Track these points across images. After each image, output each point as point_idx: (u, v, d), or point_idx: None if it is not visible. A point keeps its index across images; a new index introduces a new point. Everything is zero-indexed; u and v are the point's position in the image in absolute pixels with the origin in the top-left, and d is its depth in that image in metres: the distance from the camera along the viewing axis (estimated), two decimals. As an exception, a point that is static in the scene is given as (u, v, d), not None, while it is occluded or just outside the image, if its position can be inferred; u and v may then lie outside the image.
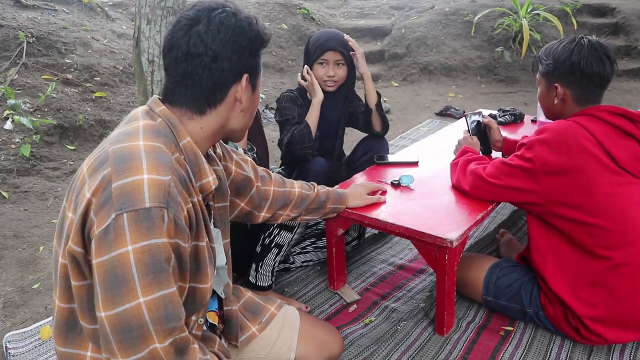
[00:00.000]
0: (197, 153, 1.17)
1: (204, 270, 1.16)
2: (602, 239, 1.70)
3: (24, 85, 3.80)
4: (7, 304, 2.25)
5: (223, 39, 1.13)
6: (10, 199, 3.05)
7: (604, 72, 1.76)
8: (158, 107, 1.16)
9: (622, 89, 5.53)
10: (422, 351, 1.85)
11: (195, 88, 1.15)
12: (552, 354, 1.82)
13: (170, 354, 1.01)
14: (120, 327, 0.97)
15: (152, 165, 1.01)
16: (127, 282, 0.96)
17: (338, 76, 2.35)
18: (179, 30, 1.14)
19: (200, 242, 1.15)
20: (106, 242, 0.96)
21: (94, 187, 1.00)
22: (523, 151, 1.79)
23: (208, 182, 1.19)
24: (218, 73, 1.14)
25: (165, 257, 0.99)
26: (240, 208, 1.61)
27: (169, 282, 1.00)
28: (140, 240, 0.96)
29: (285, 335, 1.55)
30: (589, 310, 1.74)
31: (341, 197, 1.91)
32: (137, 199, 0.97)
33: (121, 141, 1.06)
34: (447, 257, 1.76)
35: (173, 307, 1.01)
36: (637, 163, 1.73)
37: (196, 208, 1.12)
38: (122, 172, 1.00)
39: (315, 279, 2.32)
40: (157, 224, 0.97)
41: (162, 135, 1.10)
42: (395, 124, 4.63)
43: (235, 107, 1.20)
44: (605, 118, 1.73)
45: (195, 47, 1.12)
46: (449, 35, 6.29)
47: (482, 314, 2.03)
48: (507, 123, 2.92)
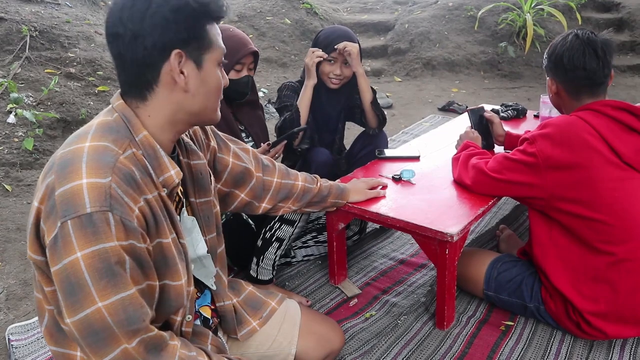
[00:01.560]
0: (155, 147, 1.12)
1: (173, 267, 1.13)
2: (604, 234, 1.70)
3: (27, 79, 3.81)
4: (10, 296, 2.26)
5: (139, 14, 1.04)
6: (14, 192, 3.05)
7: (586, 65, 1.74)
8: (116, 101, 1.13)
9: (627, 84, 5.51)
10: (422, 345, 1.85)
11: (126, 71, 1.09)
12: (553, 348, 1.82)
13: (141, 353, 1.01)
14: (86, 331, 0.97)
15: (91, 169, 0.99)
16: (82, 288, 0.95)
17: (344, 75, 2.34)
18: (108, 13, 1.08)
19: (164, 238, 1.11)
20: (57, 251, 0.96)
21: (41, 195, 1.00)
22: (526, 146, 1.78)
23: (170, 176, 1.13)
24: (141, 52, 1.05)
25: (117, 261, 0.97)
26: (240, 199, 1.59)
27: (125, 284, 0.98)
28: (87, 246, 0.95)
29: (286, 330, 1.55)
30: (590, 305, 1.74)
31: (343, 192, 1.90)
32: (78, 205, 0.95)
33: (70, 144, 1.04)
34: (448, 252, 1.76)
35: (134, 309, 0.99)
36: None
37: (153, 204, 1.07)
38: (63, 179, 0.98)
39: (316, 273, 2.32)
40: (102, 228, 0.96)
41: (113, 132, 1.07)
42: (398, 119, 4.63)
43: (175, 87, 1.11)
44: (609, 113, 1.72)
45: (115, 27, 1.05)
46: (452, 30, 6.27)
47: (483, 309, 2.03)
48: (509, 118, 2.92)
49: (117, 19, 1.05)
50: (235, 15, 6.11)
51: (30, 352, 1.89)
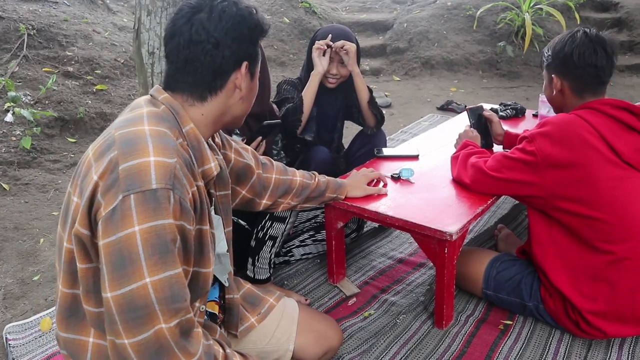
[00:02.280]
0: (200, 139, 1.20)
1: (206, 255, 1.19)
2: (603, 232, 1.70)
3: (24, 77, 3.80)
4: (8, 295, 2.26)
5: (225, 26, 1.16)
6: (11, 191, 3.05)
7: (597, 62, 1.76)
8: (161, 94, 1.19)
9: (625, 84, 5.52)
10: (420, 344, 1.85)
11: (197, 74, 1.18)
12: (551, 347, 1.82)
13: (176, 335, 1.01)
14: (126, 307, 0.98)
15: (158, 148, 1.03)
16: (133, 262, 0.97)
17: (341, 74, 2.34)
18: (181, 18, 1.17)
19: (203, 226, 1.18)
20: (113, 223, 0.98)
21: (102, 169, 1.02)
22: (525, 144, 1.79)
23: (210, 168, 1.22)
24: (219, 60, 1.17)
25: (171, 238, 1.00)
26: (241, 196, 1.63)
27: (174, 262, 1.01)
28: (147, 221, 0.98)
29: (284, 327, 1.57)
30: (589, 304, 1.74)
31: (340, 187, 1.92)
32: (144, 181, 0.99)
33: (126, 126, 1.08)
34: (447, 251, 1.76)
35: (179, 287, 1.02)
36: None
37: (200, 192, 1.15)
38: (129, 155, 1.02)
39: (315, 272, 2.32)
40: (164, 205, 0.99)
41: (165, 121, 1.13)
42: (397, 118, 4.63)
43: (234, 94, 1.23)
44: (608, 111, 1.73)
45: (198, 34, 1.15)
46: (451, 29, 6.28)
47: (482, 308, 2.03)
48: (508, 117, 2.92)
49: (200, 27, 1.15)
50: (234, 14, 6.11)
51: (28, 352, 1.89)
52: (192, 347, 1.04)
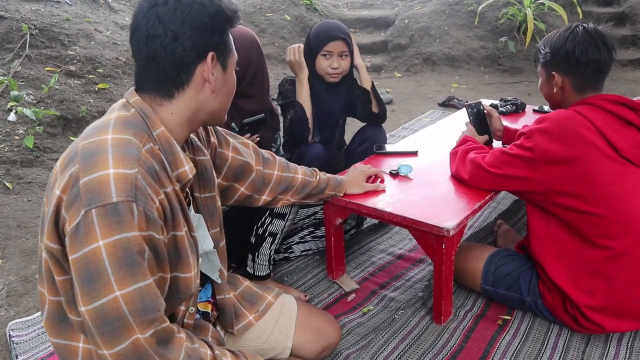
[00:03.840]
0: (172, 142, 1.16)
1: (185, 260, 1.16)
2: (601, 228, 1.70)
3: (27, 77, 3.82)
4: (11, 292, 2.27)
5: (181, 17, 1.10)
6: (14, 190, 3.07)
7: (599, 58, 1.76)
8: (132, 97, 1.16)
9: (627, 78, 5.50)
10: (419, 340, 1.86)
11: (160, 71, 1.13)
12: (550, 342, 1.83)
13: (152, 344, 1.02)
14: (100, 320, 0.98)
15: (118, 159, 1.01)
16: (101, 277, 0.97)
17: (342, 68, 2.34)
18: (139, 13, 1.12)
19: (178, 231, 1.14)
20: (78, 239, 0.97)
21: (64, 184, 1.01)
22: (523, 140, 1.79)
23: (184, 171, 1.17)
24: (180, 53, 1.11)
25: (137, 250, 0.99)
26: (240, 192, 1.62)
27: (143, 274, 1.00)
28: (110, 235, 0.97)
29: (282, 324, 1.58)
30: (587, 299, 1.75)
31: (340, 185, 1.93)
32: (104, 194, 0.98)
33: (91, 136, 1.06)
34: (445, 246, 1.77)
35: (150, 299, 1.01)
36: (639, 151, 1.73)
37: (171, 198, 1.11)
38: (89, 168, 1.00)
39: (315, 268, 2.33)
40: (126, 218, 0.98)
41: (133, 127, 1.10)
42: (398, 114, 4.63)
43: (204, 87, 1.18)
44: (606, 107, 1.73)
45: (154, 29, 1.10)
46: (452, 25, 6.26)
47: (481, 303, 2.04)
48: (508, 113, 2.92)
49: (156, 21, 1.10)
50: (236, 11, 6.13)
51: (31, 348, 1.91)
52: (172, 354, 1.05)
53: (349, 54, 2.35)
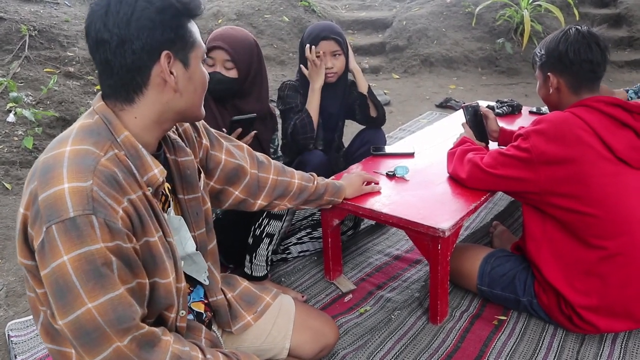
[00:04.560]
0: (137, 147, 1.12)
1: (161, 265, 1.15)
2: (596, 228, 1.72)
3: (26, 78, 3.85)
4: (10, 293, 2.29)
5: (124, 18, 1.04)
6: (13, 191, 3.09)
7: (592, 57, 1.78)
8: (97, 103, 1.13)
9: (624, 80, 5.52)
10: (415, 340, 1.88)
11: (114, 76, 1.09)
12: (545, 342, 1.85)
13: (134, 350, 1.02)
14: (78, 332, 0.99)
15: (73, 173, 1.00)
16: (71, 291, 0.97)
17: (336, 67, 2.36)
18: (88, 18, 1.08)
19: (150, 237, 1.12)
20: (44, 256, 0.98)
21: (25, 201, 1.02)
22: (520, 141, 1.81)
23: (154, 175, 1.14)
24: (130, 56, 1.06)
25: (103, 262, 0.98)
26: (234, 196, 1.60)
27: (113, 285, 1.00)
28: (73, 250, 0.96)
29: (280, 325, 1.58)
30: (582, 299, 1.76)
31: (339, 190, 1.91)
32: (61, 210, 0.97)
33: (52, 149, 1.05)
34: (440, 247, 1.79)
35: (123, 308, 1.01)
36: (634, 153, 1.75)
37: (137, 204, 1.08)
38: (45, 184, 0.99)
39: (312, 269, 2.35)
40: (86, 232, 0.97)
41: (94, 135, 1.07)
42: (395, 115, 4.65)
43: (165, 88, 1.12)
44: (602, 108, 1.75)
45: (100, 34, 1.05)
46: (450, 26, 6.29)
47: (476, 304, 2.06)
48: (504, 114, 2.94)
49: (101, 26, 1.05)
50: (234, 13, 6.14)
51: (30, 348, 1.92)
52: (157, 357, 1.06)
53: (342, 53, 2.36)
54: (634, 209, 1.73)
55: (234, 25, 2.12)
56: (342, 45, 2.35)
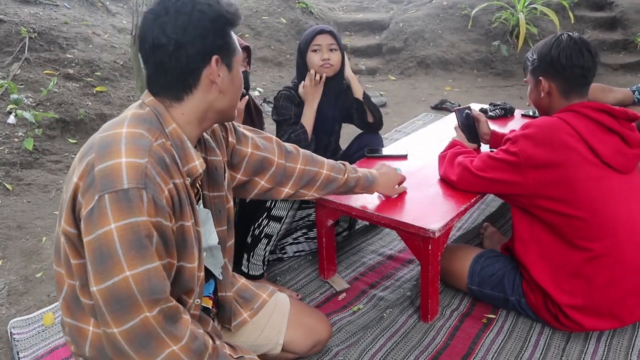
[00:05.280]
0: (183, 138, 1.23)
1: (190, 250, 1.23)
2: (582, 230, 1.77)
3: (26, 80, 3.88)
4: (12, 291, 2.34)
5: (182, 25, 1.16)
6: (14, 191, 3.13)
7: (583, 63, 1.83)
8: (147, 98, 1.23)
9: (618, 82, 5.56)
10: (406, 337, 1.93)
11: (168, 77, 1.20)
12: (532, 340, 1.90)
13: (161, 321, 1.09)
14: (111, 299, 1.05)
15: (130, 150, 1.09)
16: (112, 257, 1.04)
17: (333, 60, 2.37)
18: (144, 25, 1.20)
19: (185, 222, 1.21)
20: (92, 222, 1.05)
21: (80, 171, 1.09)
22: (508, 145, 1.86)
23: (194, 166, 1.24)
24: (184, 60, 1.18)
25: (146, 234, 1.06)
26: (260, 186, 1.65)
27: (152, 257, 1.07)
28: (121, 219, 1.04)
29: (275, 321, 1.64)
30: (568, 298, 1.81)
31: (371, 185, 1.91)
32: (116, 181, 1.05)
33: (107, 130, 1.15)
34: (431, 247, 1.84)
35: (157, 280, 1.08)
36: (620, 158, 1.80)
37: (179, 189, 1.18)
38: (103, 157, 1.08)
39: (307, 268, 2.40)
40: (136, 204, 1.05)
41: (146, 123, 1.17)
42: (391, 117, 4.70)
43: (212, 89, 1.24)
44: (589, 114, 1.80)
45: (158, 39, 1.16)
46: (446, 29, 6.34)
47: (467, 303, 2.11)
48: (497, 117, 2.98)
49: (159, 32, 1.16)
50: (232, 14, 6.18)
51: (32, 345, 1.97)
52: (178, 332, 1.12)
53: (337, 48, 2.38)
54: (618, 212, 1.77)
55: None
56: (338, 41, 2.39)
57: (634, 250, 1.77)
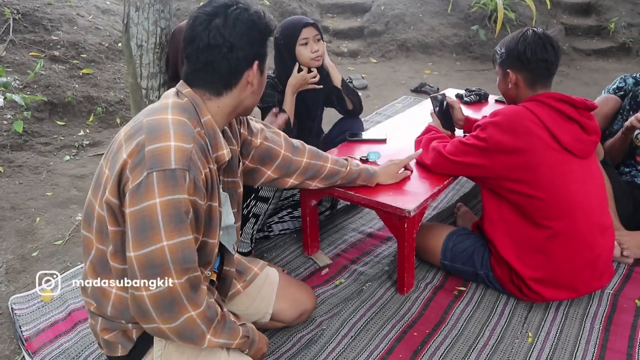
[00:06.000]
0: (216, 128, 1.38)
1: (214, 228, 1.39)
2: (543, 210, 1.92)
3: (12, 62, 3.89)
4: (10, 270, 2.43)
5: (239, 32, 1.32)
6: (6, 173, 3.20)
7: (547, 57, 1.97)
8: (185, 89, 1.38)
9: (591, 68, 5.75)
10: (384, 308, 2.09)
11: (215, 74, 1.35)
12: (498, 309, 2.07)
13: (186, 289, 1.23)
14: (146, 264, 1.19)
15: (179, 135, 1.24)
16: (153, 228, 1.18)
17: (321, 50, 2.49)
18: (199, 25, 1.33)
19: (213, 202, 1.37)
20: (138, 195, 1.18)
21: (130, 149, 1.22)
22: (478, 132, 2.00)
23: (223, 154, 1.40)
24: (234, 61, 1.34)
25: (185, 210, 1.21)
26: (267, 175, 1.81)
27: (187, 231, 1.22)
28: (166, 195, 1.18)
29: (265, 293, 1.79)
30: (530, 272, 1.97)
31: (372, 177, 2.07)
32: (165, 161, 1.19)
33: (152, 114, 1.29)
34: (407, 226, 1.99)
35: (190, 251, 1.23)
36: (579, 144, 1.94)
37: (212, 174, 1.34)
38: (153, 139, 1.22)
39: (292, 245, 2.55)
40: (180, 183, 1.19)
41: (187, 112, 1.32)
42: (372, 99, 4.82)
43: (247, 88, 1.41)
44: (551, 104, 1.94)
45: (215, 39, 1.31)
46: (426, 12, 6.41)
47: (440, 276, 2.28)
48: (472, 102, 3.10)
49: (217, 34, 1.31)
50: (215, -4, 6.17)
51: (33, 320, 2.08)
52: (198, 299, 1.27)
53: (321, 38, 2.51)
54: (576, 193, 1.93)
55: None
56: (320, 31, 2.51)
57: (588, 229, 1.94)
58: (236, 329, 1.41)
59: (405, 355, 1.86)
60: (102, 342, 1.43)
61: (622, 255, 2.32)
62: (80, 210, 2.89)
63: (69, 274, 2.37)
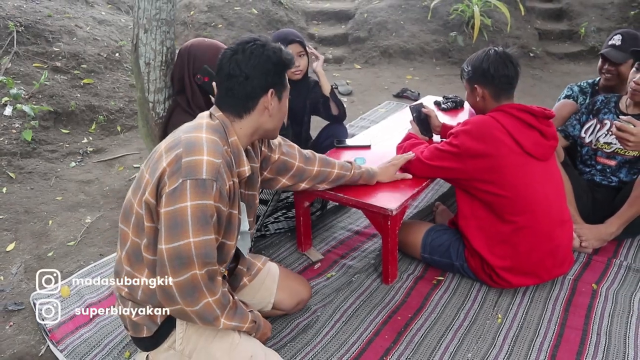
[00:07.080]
0: (240, 148, 1.60)
1: (232, 232, 1.61)
2: (508, 207, 2.14)
3: (17, 73, 4.01)
4: (28, 269, 2.59)
5: (253, 64, 1.55)
6: (17, 179, 3.36)
7: (508, 73, 2.19)
8: (217, 112, 1.61)
9: (562, 71, 5.99)
10: (371, 297, 2.32)
11: (234, 99, 1.58)
12: (472, 296, 2.30)
13: (205, 278, 1.46)
14: (174, 256, 1.41)
15: (210, 150, 1.47)
16: (183, 226, 1.40)
17: (302, 66, 2.76)
18: (224, 58, 1.58)
19: (234, 210, 1.59)
20: (173, 198, 1.41)
21: (170, 159, 1.45)
22: (451, 139, 2.22)
23: (244, 170, 1.62)
24: (250, 88, 1.56)
25: (210, 214, 1.43)
26: (282, 183, 2.06)
27: (210, 231, 1.44)
28: (196, 200, 1.41)
29: (267, 285, 2.01)
30: (499, 261, 2.19)
31: (372, 177, 2.30)
32: (198, 172, 1.41)
33: (189, 132, 1.52)
34: (390, 223, 2.21)
35: (211, 248, 1.46)
36: (539, 148, 2.16)
37: (235, 186, 1.56)
38: (190, 152, 1.45)
39: (287, 243, 2.75)
40: (209, 191, 1.41)
41: (217, 132, 1.55)
42: (357, 105, 5.00)
43: (264, 113, 1.62)
44: (514, 113, 2.16)
45: (233, 70, 1.55)
46: (408, 19, 6.59)
47: (420, 268, 2.49)
48: (449, 109, 3.31)
49: (235, 65, 1.55)
50: (205, 5, 6.33)
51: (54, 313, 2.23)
52: (215, 288, 1.49)
53: (305, 54, 2.77)
54: (537, 192, 2.15)
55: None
56: (305, 47, 2.76)
57: (548, 223, 2.17)
58: (246, 315, 1.63)
59: (390, 336, 2.08)
60: (129, 324, 1.64)
61: (581, 246, 2.55)
62: (89, 214, 3.09)
63: (85, 271, 2.55)
